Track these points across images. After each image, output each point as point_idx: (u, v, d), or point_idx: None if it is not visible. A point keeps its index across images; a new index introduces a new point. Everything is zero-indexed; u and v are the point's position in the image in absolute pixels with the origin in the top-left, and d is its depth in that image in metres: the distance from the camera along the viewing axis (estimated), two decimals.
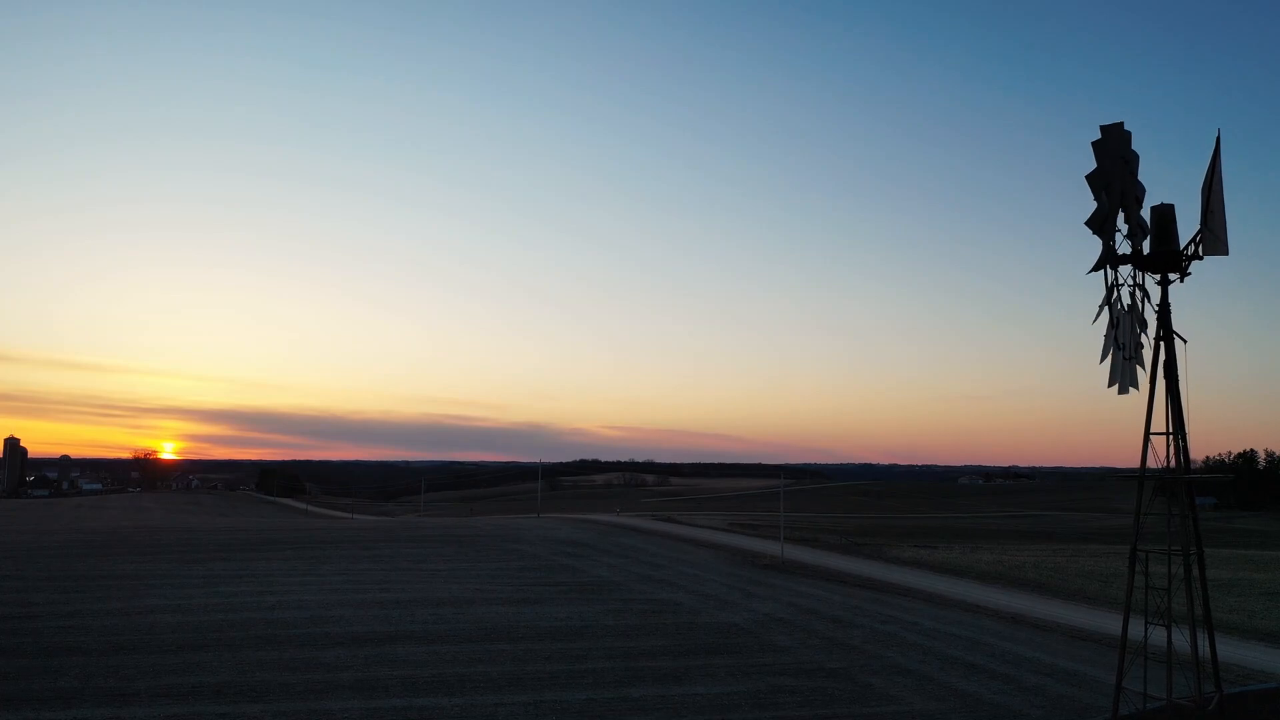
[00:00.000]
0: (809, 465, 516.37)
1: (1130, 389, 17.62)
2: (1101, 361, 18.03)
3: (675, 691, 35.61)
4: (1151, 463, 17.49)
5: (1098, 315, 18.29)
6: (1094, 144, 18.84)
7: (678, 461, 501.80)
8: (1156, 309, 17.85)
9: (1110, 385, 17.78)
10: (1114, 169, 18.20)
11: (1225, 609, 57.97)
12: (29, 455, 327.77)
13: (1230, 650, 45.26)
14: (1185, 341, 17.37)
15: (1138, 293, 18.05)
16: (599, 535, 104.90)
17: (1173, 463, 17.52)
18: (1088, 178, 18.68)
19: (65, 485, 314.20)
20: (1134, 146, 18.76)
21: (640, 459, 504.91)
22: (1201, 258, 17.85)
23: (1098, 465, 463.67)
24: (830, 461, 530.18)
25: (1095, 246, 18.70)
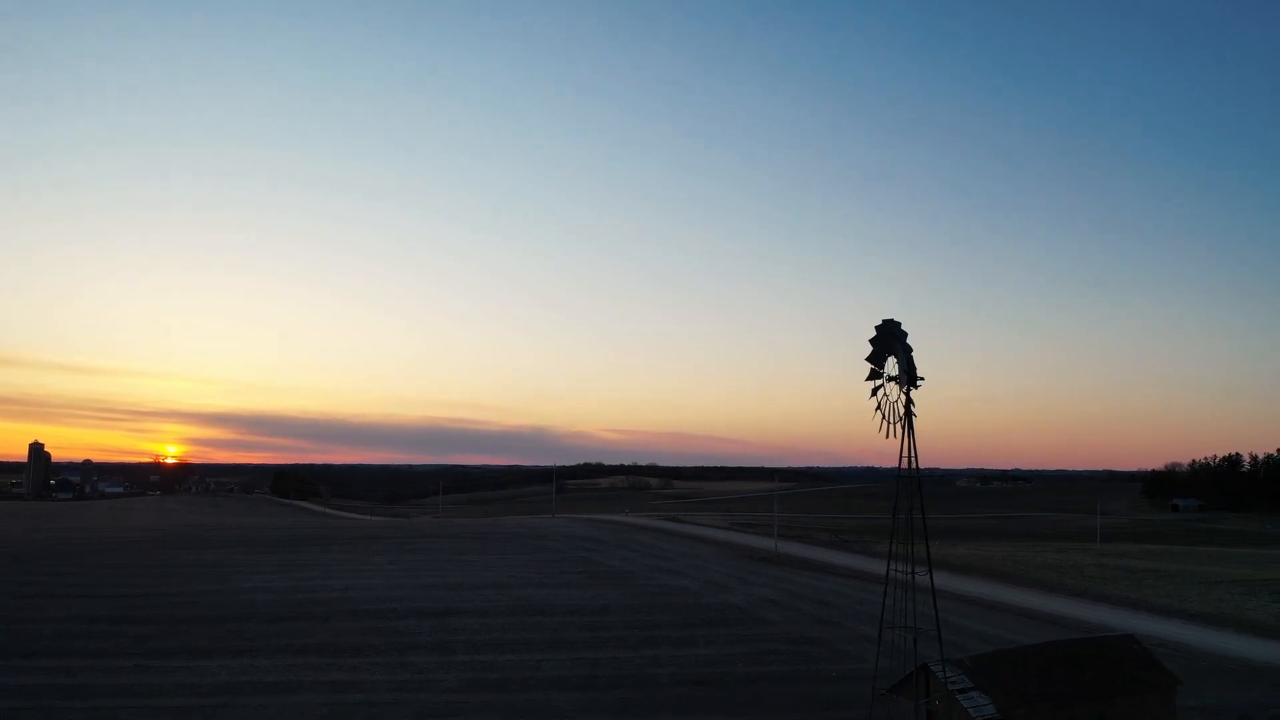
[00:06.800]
0: (812, 468, 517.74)
1: (892, 437, 32.75)
2: (874, 422, 32.82)
3: (684, 652, 44.55)
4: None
5: (870, 397, 32.93)
6: (876, 326, 33.54)
7: (679, 465, 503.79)
8: (906, 403, 32.08)
9: (879, 432, 32.56)
10: (887, 340, 32.95)
11: (1193, 598, 67.51)
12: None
13: (1173, 630, 54.38)
14: (916, 416, 32.23)
15: (900, 396, 32.34)
16: (611, 532, 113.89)
17: (910, 476, 32.76)
18: (870, 341, 33.27)
19: (88, 489, 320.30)
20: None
21: (642, 462, 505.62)
22: (924, 378, 32.73)
23: (1098, 469, 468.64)
24: (833, 464, 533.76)
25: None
